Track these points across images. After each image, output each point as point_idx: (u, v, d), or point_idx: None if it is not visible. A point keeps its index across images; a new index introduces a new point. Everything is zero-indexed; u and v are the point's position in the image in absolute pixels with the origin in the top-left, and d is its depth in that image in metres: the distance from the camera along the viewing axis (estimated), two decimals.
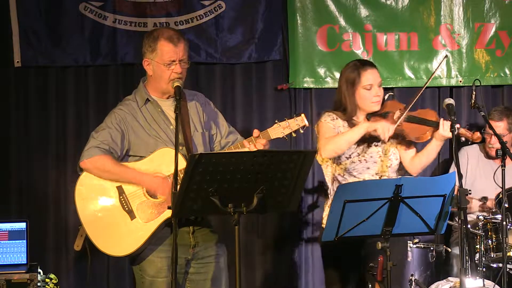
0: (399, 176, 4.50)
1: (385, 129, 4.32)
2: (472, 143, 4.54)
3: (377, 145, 4.48)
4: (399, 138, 4.49)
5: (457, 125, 4.28)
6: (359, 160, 4.47)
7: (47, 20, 5.79)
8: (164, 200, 4.00)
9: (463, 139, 4.36)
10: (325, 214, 4.57)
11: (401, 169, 4.55)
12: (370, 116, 4.46)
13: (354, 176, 4.47)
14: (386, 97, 4.53)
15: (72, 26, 5.81)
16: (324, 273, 4.62)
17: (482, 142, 5.68)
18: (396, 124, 4.37)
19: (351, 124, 4.47)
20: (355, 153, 4.47)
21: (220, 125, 4.30)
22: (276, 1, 5.91)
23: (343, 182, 4.47)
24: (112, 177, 4.04)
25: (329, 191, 4.59)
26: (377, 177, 4.47)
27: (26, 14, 5.76)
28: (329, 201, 4.56)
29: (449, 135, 4.28)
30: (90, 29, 5.82)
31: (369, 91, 4.45)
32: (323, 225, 4.56)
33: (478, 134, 4.27)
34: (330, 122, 4.49)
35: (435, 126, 4.39)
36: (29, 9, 5.75)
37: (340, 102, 4.53)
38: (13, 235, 5.29)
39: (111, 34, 5.83)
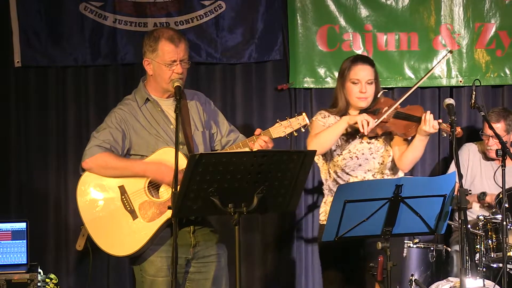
0: (393, 174, 4.50)
1: (364, 121, 4.30)
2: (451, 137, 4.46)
3: (369, 142, 4.48)
4: (389, 134, 4.49)
5: (439, 120, 4.28)
6: (350, 157, 4.47)
7: (47, 20, 5.79)
8: (166, 200, 4.01)
9: (444, 134, 4.34)
10: (322, 210, 4.57)
11: (395, 167, 4.54)
12: (363, 112, 4.46)
13: (347, 173, 4.47)
14: (379, 94, 4.52)
15: (72, 26, 5.81)
16: (322, 274, 4.62)
17: (480, 140, 5.68)
18: (380, 119, 4.36)
19: None
20: (346, 150, 4.47)
21: (221, 124, 4.30)
22: (276, 1, 5.91)
23: (337, 179, 4.48)
24: (116, 173, 4.03)
25: (323, 188, 4.59)
26: (370, 175, 4.46)
27: (26, 14, 5.76)
28: (325, 198, 4.56)
29: (431, 130, 4.28)
30: (90, 29, 5.82)
31: (355, 85, 4.46)
32: (320, 222, 4.57)
33: (459, 129, 4.24)
34: (320, 120, 4.52)
35: (419, 121, 4.38)
36: (29, 9, 5.76)
37: (335, 97, 4.57)
38: (14, 235, 5.29)
39: (111, 34, 5.83)
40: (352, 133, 4.46)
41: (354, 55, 4.64)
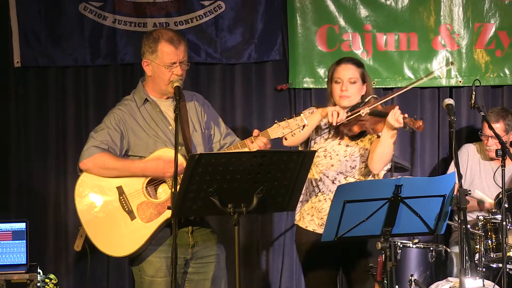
0: (364, 179, 4.48)
1: (334, 112, 4.29)
2: (413, 131, 4.41)
3: (347, 145, 4.46)
4: (364, 135, 4.47)
5: (405, 114, 4.25)
6: (324, 155, 4.46)
7: (46, 20, 5.79)
8: (164, 201, 4.01)
9: (406, 128, 4.25)
10: (297, 210, 4.54)
11: (368, 173, 4.49)
12: (349, 111, 4.45)
13: (321, 171, 4.46)
14: (368, 98, 4.49)
15: (72, 26, 5.82)
16: (303, 277, 4.60)
17: (479, 141, 5.68)
18: (353, 115, 4.33)
19: None
20: (322, 149, 4.47)
21: (218, 126, 4.30)
22: (276, 1, 5.92)
23: (311, 179, 4.47)
24: (114, 174, 4.03)
25: None
26: (342, 177, 4.44)
27: (26, 14, 5.76)
28: (300, 196, 4.53)
29: (395, 124, 4.23)
30: (90, 29, 5.82)
31: (338, 84, 4.46)
32: (295, 221, 4.55)
33: (420, 122, 4.21)
34: (306, 115, 4.49)
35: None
36: (29, 9, 5.76)
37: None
38: (14, 235, 5.29)
39: (111, 34, 5.83)
40: (332, 133, 4.45)
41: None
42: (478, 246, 4.99)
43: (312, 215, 4.42)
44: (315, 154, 3.90)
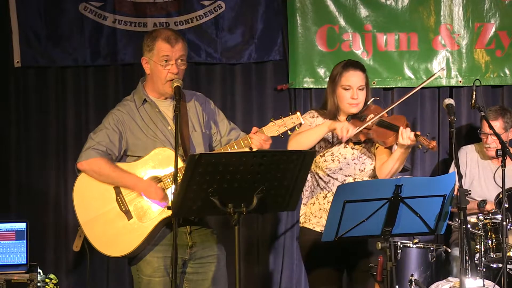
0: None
1: (343, 129, 4.26)
2: (427, 151, 4.39)
3: (353, 148, 4.45)
4: (371, 141, 4.47)
5: (417, 132, 4.25)
6: (332, 160, 4.44)
7: (47, 20, 5.79)
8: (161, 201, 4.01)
9: (419, 147, 4.25)
10: (302, 213, 4.51)
11: (375, 175, 4.48)
12: (351, 118, 4.43)
13: (328, 175, 4.44)
14: (369, 102, 4.49)
15: (72, 26, 5.82)
16: (307, 276, 4.58)
17: (479, 141, 5.68)
18: (360, 128, 4.33)
19: None
20: (329, 152, 4.45)
21: (220, 123, 4.30)
22: (276, 1, 5.92)
23: (319, 180, 4.45)
24: (108, 181, 4.05)
25: (304, 189, 4.56)
26: (350, 179, 4.42)
27: (26, 14, 5.76)
28: (305, 199, 4.52)
29: (407, 142, 4.23)
30: (90, 29, 5.82)
31: (347, 91, 4.42)
32: (300, 224, 4.53)
33: (434, 143, 4.21)
34: (308, 119, 4.48)
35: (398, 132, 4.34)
36: (29, 9, 5.76)
37: (325, 99, 4.54)
38: (17, 235, 5.29)
39: (111, 34, 5.83)
40: (337, 137, 4.44)
41: (345, 60, 4.59)
42: (478, 246, 4.99)
43: (320, 216, 4.39)
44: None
